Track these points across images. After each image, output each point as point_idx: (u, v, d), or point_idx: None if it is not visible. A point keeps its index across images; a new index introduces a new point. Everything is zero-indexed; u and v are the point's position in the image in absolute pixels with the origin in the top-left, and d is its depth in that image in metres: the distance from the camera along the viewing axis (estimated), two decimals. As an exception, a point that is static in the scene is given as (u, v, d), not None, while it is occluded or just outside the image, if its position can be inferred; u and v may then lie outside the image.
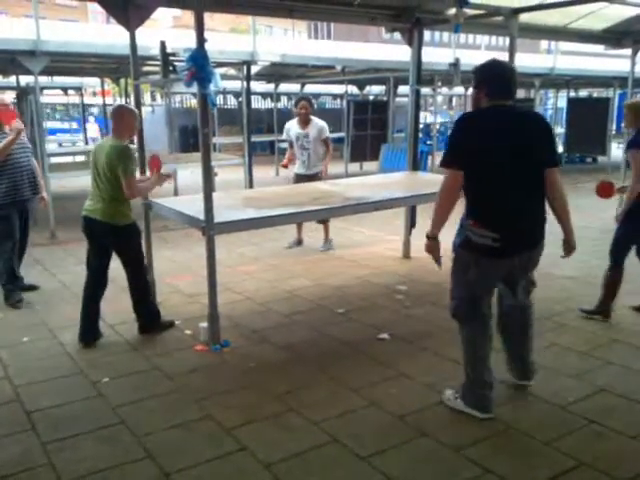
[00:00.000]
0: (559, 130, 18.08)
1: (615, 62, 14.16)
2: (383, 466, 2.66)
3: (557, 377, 3.51)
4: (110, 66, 11.23)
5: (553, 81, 15.25)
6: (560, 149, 16.02)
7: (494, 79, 2.85)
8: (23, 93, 8.41)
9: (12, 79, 12.31)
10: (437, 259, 3.10)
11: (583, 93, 19.37)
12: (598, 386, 3.37)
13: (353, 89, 17.71)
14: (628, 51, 8.18)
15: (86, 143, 15.86)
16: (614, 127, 13.92)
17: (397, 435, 2.91)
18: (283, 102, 21.45)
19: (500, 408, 3.15)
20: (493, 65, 2.92)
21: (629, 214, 4.22)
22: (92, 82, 15.68)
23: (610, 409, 3.14)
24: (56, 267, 5.83)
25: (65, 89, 17.33)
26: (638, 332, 4.08)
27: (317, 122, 6.49)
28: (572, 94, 17.81)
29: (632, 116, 4.64)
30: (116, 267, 4.38)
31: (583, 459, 2.69)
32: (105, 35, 8.56)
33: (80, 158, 13.33)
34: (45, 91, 16.05)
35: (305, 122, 6.44)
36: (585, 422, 3.01)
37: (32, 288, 5.19)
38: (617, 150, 14.41)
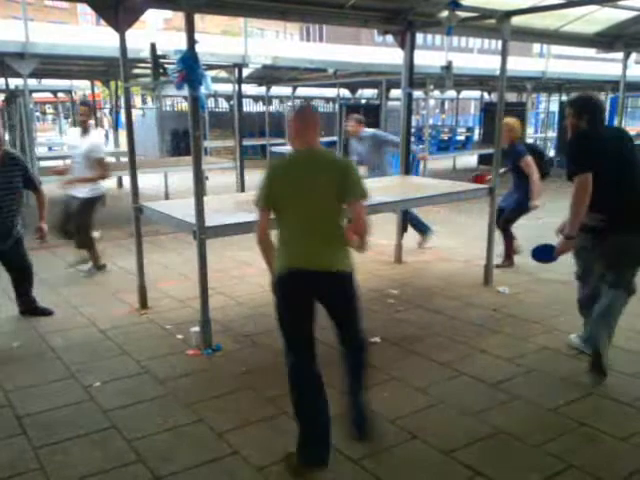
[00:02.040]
0: (550, 134, 18.23)
1: (607, 66, 14.29)
2: (374, 469, 2.66)
3: (547, 380, 3.52)
4: (100, 69, 11.17)
5: (545, 85, 15.35)
6: (551, 153, 16.14)
7: (595, 110, 3.61)
8: (12, 96, 8.35)
9: (0, 82, 12.23)
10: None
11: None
12: (588, 389, 3.39)
13: (345, 92, 17.77)
14: (620, 55, 8.24)
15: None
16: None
17: (388, 438, 2.90)
18: (275, 105, 21.45)
19: (490, 411, 3.16)
20: (592, 98, 3.71)
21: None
22: (82, 85, 15.60)
23: (600, 412, 3.15)
24: (46, 271, 5.78)
25: (55, 92, 17.24)
26: (627, 335, 4.10)
27: None
28: (564, 98, 17.93)
29: (507, 132, 5.50)
30: (111, 271, 4.38)
31: (573, 462, 2.70)
32: (95, 37, 8.51)
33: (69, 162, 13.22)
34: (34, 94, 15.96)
35: None
36: (575, 425, 3.02)
37: (45, 312, 4.74)
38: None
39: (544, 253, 3.88)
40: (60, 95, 17.72)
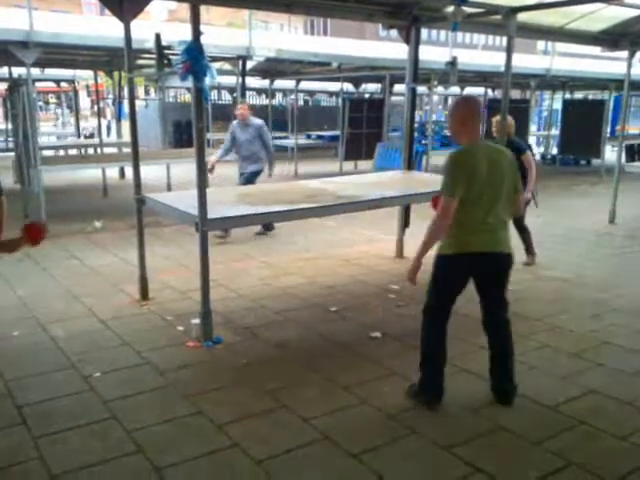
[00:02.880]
0: (554, 132, 18.19)
1: (612, 64, 14.23)
2: (374, 463, 2.67)
3: (548, 378, 3.52)
4: (104, 59, 11.14)
5: (549, 82, 15.30)
6: (554, 150, 16.11)
7: None
8: (15, 85, 8.32)
9: (4, 70, 12.19)
10: None
11: (578, 95, 19.46)
12: (588, 387, 3.39)
13: (349, 87, 17.71)
14: (624, 53, 8.19)
15: (78, 137, 15.73)
16: (609, 130, 13.98)
17: (388, 433, 2.91)
18: (278, 98, 21.40)
19: (490, 408, 3.16)
20: None
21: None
22: (85, 75, 15.56)
23: (599, 410, 3.16)
24: (47, 261, 5.79)
25: (57, 81, 17.19)
26: (627, 334, 4.10)
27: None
28: (567, 96, 17.89)
29: (498, 127, 5.43)
30: (112, 262, 4.38)
31: (572, 459, 2.71)
32: (99, 27, 8.47)
33: (72, 152, 13.22)
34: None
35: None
36: (575, 422, 3.02)
37: None
38: (611, 153, 14.50)
39: None
40: (63, 85, 17.66)
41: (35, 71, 11.91)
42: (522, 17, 5.28)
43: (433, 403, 3.16)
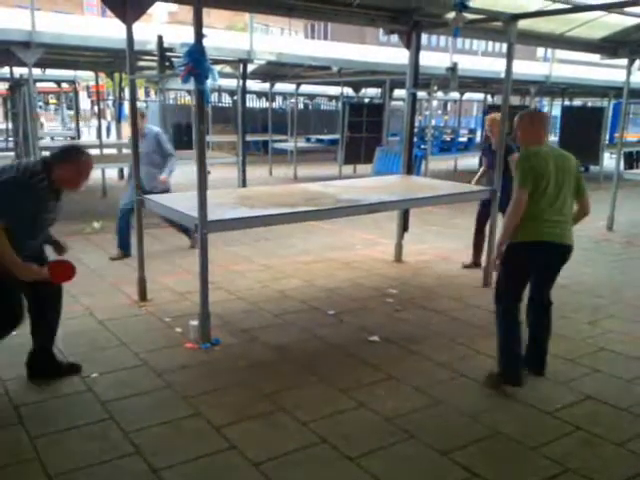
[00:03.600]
0: (552, 138, 18.23)
1: (611, 72, 14.28)
2: (371, 467, 2.67)
3: (545, 384, 3.53)
4: (105, 60, 11.14)
5: (549, 89, 15.34)
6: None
7: None
8: (16, 85, 8.34)
9: (5, 70, 12.20)
10: None
11: (578, 102, 19.55)
12: (585, 393, 3.40)
13: (349, 91, 17.75)
14: (624, 61, 8.24)
15: (78, 137, 15.73)
16: (607, 137, 14.02)
17: (385, 437, 2.91)
18: (278, 102, 21.43)
19: (488, 413, 3.17)
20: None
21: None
22: (85, 75, 15.57)
23: (596, 416, 3.16)
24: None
25: (58, 82, 17.21)
26: (624, 340, 4.11)
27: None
28: (566, 103, 17.95)
29: (497, 127, 5.53)
30: (111, 263, 4.35)
31: (569, 465, 2.71)
32: (101, 28, 8.49)
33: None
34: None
35: None
36: (572, 428, 3.03)
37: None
38: (610, 160, 14.55)
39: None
40: (63, 85, 17.68)
41: (36, 71, 11.90)
42: (523, 24, 5.31)
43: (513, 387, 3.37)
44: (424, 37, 6.22)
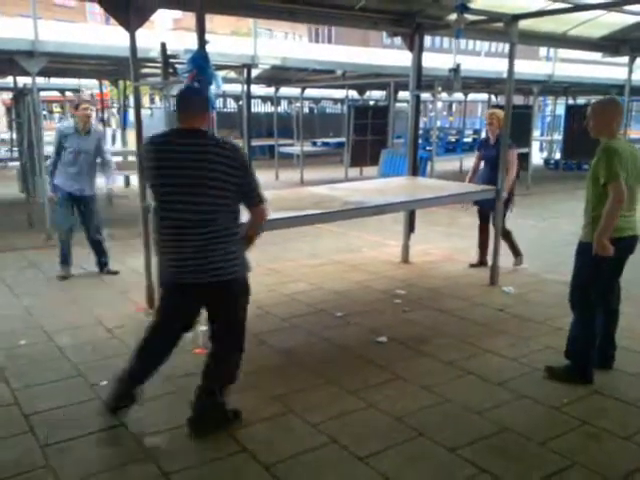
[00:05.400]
0: (556, 137, 18.18)
1: (613, 70, 14.24)
2: (381, 466, 2.68)
3: (552, 379, 3.54)
4: (109, 68, 11.22)
5: (551, 88, 15.30)
6: (557, 156, 16.11)
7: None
8: (20, 94, 8.40)
9: (9, 80, 12.30)
10: None
11: (581, 100, 19.48)
12: (591, 388, 3.41)
13: (354, 94, 17.78)
14: (625, 59, 8.23)
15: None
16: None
17: (394, 436, 2.93)
18: (283, 106, 21.49)
19: (495, 410, 3.17)
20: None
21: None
22: (90, 84, 15.66)
23: (603, 411, 3.18)
24: (52, 270, 5.81)
25: (62, 90, 17.31)
26: (630, 336, 4.09)
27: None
28: (570, 101, 17.88)
29: (497, 123, 5.62)
30: (119, 271, 4.35)
31: (577, 459, 2.73)
32: (104, 36, 8.54)
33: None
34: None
35: None
36: (578, 423, 3.04)
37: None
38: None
39: None
40: (68, 94, 17.80)
41: (40, 80, 12.00)
42: (524, 24, 5.32)
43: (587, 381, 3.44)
44: (428, 39, 6.25)
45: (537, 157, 17.55)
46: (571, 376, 3.48)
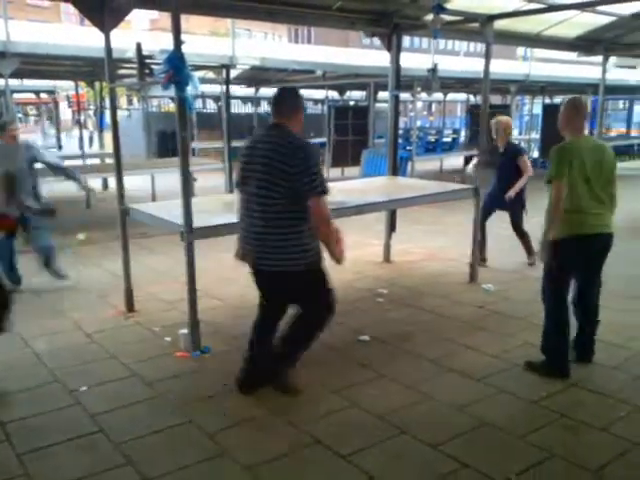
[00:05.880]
0: (534, 136, 18.43)
1: (588, 69, 14.48)
2: (364, 464, 2.69)
3: (530, 374, 3.59)
4: (85, 69, 11.07)
5: (529, 87, 15.52)
6: (535, 154, 16.31)
7: None
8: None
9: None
10: None
11: (558, 99, 19.77)
12: (569, 382, 3.47)
13: (334, 94, 17.80)
14: (599, 58, 8.37)
15: (59, 148, 15.54)
16: (587, 133, 14.18)
17: (377, 434, 2.94)
18: (264, 107, 21.41)
19: (476, 405, 3.21)
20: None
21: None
22: (65, 85, 15.42)
23: (580, 403, 3.24)
24: (31, 275, 5.70)
25: (37, 92, 17.03)
26: (613, 330, 4.15)
27: None
28: (547, 100, 18.15)
29: (504, 130, 5.77)
30: (97, 274, 4.29)
31: (555, 451, 2.77)
32: (79, 37, 8.40)
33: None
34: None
35: None
36: (557, 416, 3.09)
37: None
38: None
39: None
40: (43, 96, 17.51)
41: (13, 82, 11.78)
42: (499, 24, 5.38)
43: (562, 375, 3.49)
44: (406, 39, 6.26)
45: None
46: (549, 370, 3.53)
